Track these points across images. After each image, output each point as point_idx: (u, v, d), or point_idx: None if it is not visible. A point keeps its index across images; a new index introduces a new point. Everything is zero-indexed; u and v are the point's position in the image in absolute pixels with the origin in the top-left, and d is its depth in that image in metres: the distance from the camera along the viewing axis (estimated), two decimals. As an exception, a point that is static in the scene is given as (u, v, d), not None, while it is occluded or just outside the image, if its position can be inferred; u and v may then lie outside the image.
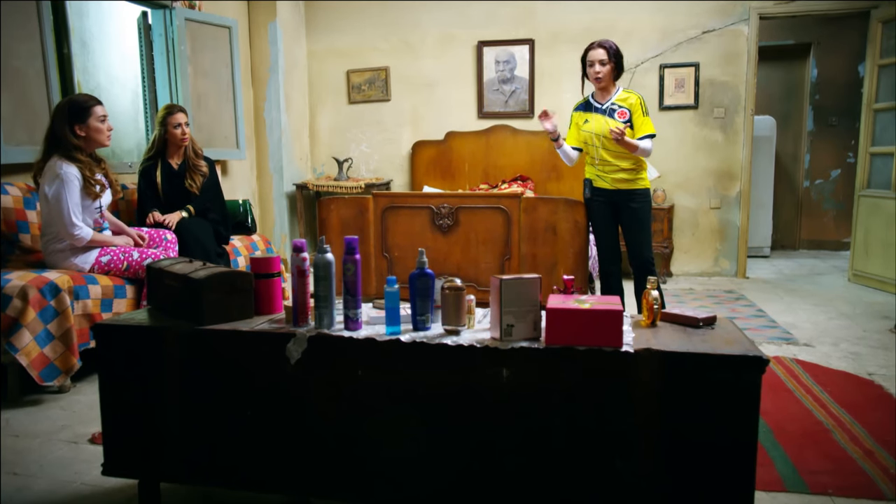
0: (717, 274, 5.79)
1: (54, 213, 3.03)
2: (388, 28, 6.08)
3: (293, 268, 1.76)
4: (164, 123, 3.90)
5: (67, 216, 3.02)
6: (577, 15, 5.72)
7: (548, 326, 1.58)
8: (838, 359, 3.52)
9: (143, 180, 3.98)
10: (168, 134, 3.91)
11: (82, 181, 3.06)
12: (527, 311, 1.61)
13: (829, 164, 7.06)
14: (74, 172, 3.04)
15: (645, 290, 1.78)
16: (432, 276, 1.71)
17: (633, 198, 3.65)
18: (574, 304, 1.57)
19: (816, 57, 6.96)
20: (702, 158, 5.66)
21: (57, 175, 3.01)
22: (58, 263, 3.15)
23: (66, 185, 3.01)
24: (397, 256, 4.09)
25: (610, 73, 3.57)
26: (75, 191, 3.03)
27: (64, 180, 3.01)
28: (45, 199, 3.05)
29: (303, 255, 1.75)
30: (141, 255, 3.27)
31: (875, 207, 5.26)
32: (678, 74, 5.62)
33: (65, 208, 3.01)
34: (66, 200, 3.01)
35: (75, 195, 3.04)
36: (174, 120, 3.89)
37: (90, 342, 3.05)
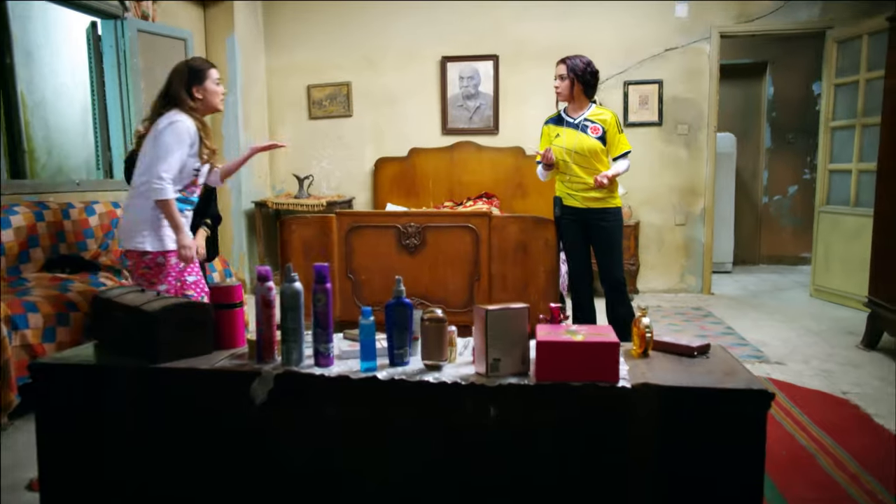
0: (683, 290, 5.79)
1: (151, 160, 2.75)
2: (349, 43, 5.95)
3: (258, 298, 1.60)
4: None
5: (162, 165, 2.71)
6: (542, 31, 5.69)
7: (538, 361, 1.46)
8: (810, 377, 3.50)
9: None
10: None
11: (197, 142, 2.86)
12: (514, 345, 1.49)
13: (787, 180, 7.18)
14: (191, 129, 2.83)
15: (636, 318, 1.68)
16: (410, 305, 1.58)
17: (604, 216, 3.58)
18: (566, 337, 1.45)
19: (773, 75, 7.10)
20: (667, 175, 5.66)
21: (172, 124, 2.76)
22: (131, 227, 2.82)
23: (178, 138, 2.76)
24: (363, 279, 3.93)
25: (568, 87, 3.53)
26: (184, 147, 2.78)
27: (178, 133, 2.76)
28: (152, 147, 2.79)
29: (268, 283, 1.60)
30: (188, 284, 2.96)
31: (835, 223, 5.33)
32: (642, 91, 5.63)
33: (163, 157, 2.72)
34: (171, 151, 2.73)
35: (181, 152, 2.77)
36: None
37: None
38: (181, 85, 2.85)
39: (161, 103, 2.90)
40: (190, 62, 2.93)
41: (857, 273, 5.03)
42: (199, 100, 2.89)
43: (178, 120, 2.77)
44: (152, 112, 2.90)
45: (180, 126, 2.77)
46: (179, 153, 2.77)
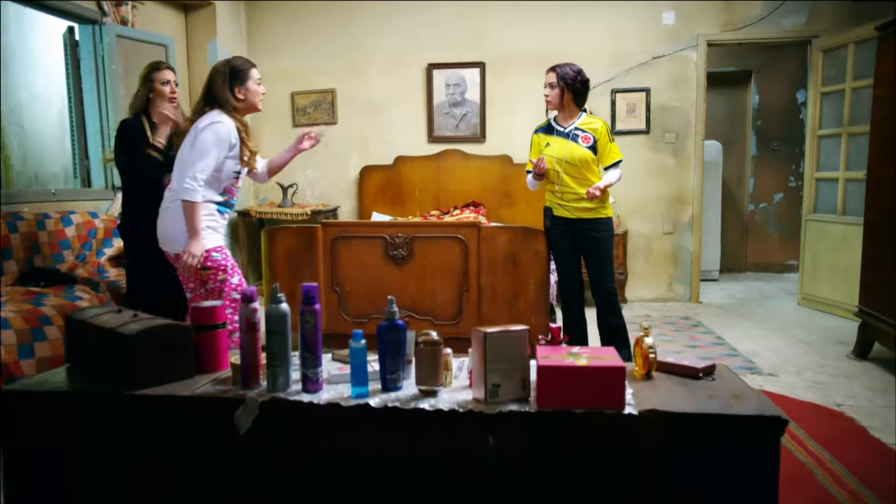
0: (671, 299, 5.75)
1: (188, 160, 2.67)
2: (334, 49, 5.87)
3: (242, 320, 1.51)
4: (150, 80, 3.23)
5: (197, 165, 2.64)
6: (529, 38, 5.65)
7: (539, 386, 1.38)
8: (804, 388, 3.46)
9: (127, 137, 3.16)
10: (154, 92, 3.22)
11: (238, 144, 2.77)
12: (514, 369, 1.41)
13: (773, 187, 7.19)
14: (232, 131, 2.74)
15: (638, 338, 1.61)
16: (403, 327, 1.50)
17: (595, 227, 3.53)
18: (569, 360, 1.38)
19: (757, 83, 7.11)
20: (654, 184, 5.63)
21: (213, 124, 2.66)
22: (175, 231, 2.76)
23: (218, 139, 2.68)
24: (348, 290, 3.84)
25: (558, 96, 3.47)
26: (223, 149, 2.70)
27: (218, 134, 2.67)
28: (189, 147, 2.70)
29: (252, 305, 1.51)
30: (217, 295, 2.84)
31: (822, 232, 5.32)
32: (629, 99, 5.61)
33: (200, 158, 2.64)
34: (208, 152, 2.65)
35: (219, 153, 2.69)
36: (162, 76, 3.22)
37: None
38: (223, 85, 2.77)
39: (202, 103, 2.80)
40: (232, 62, 2.85)
41: (846, 282, 5.03)
42: (240, 100, 2.81)
43: (219, 121, 2.69)
44: (193, 112, 2.83)
45: (221, 127, 2.69)
46: (217, 154, 2.68)
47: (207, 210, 2.77)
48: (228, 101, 2.76)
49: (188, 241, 2.68)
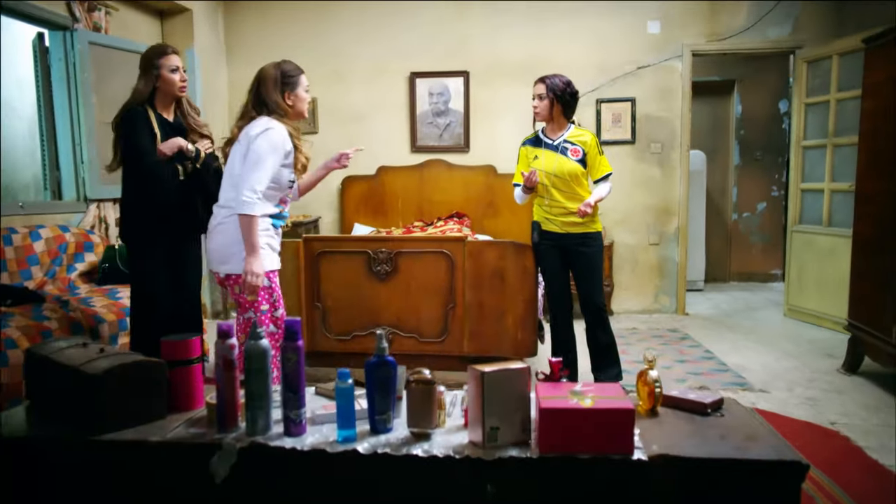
0: (657, 311, 5.70)
1: (243, 171, 2.52)
2: (315, 57, 5.74)
3: (219, 358, 1.40)
4: (156, 66, 2.90)
5: (254, 176, 2.49)
6: (514, 47, 5.58)
7: (541, 429, 1.29)
8: (796, 405, 3.40)
9: (130, 126, 2.88)
10: (161, 80, 2.92)
11: (293, 151, 2.63)
12: (514, 410, 1.31)
13: (756, 197, 7.19)
14: (286, 137, 2.60)
15: (642, 371, 1.52)
16: (394, 364, 1.39)
17: (584, 242, 3.45)
18: (574, 402, 1.28)
19: (740, 93, 7.11)
20: (640, 194, 5.58)
21: (267, 131, 2.52)
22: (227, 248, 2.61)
23: (273, 146, 2.53)
24: (331, 306, 3.72)
25: (548, 108, 3.39)
26: (279, 156, 2.55)
27: (272, 142, 2.53)
28: (242, 157, 2.55)
29: (229, 341, 1.39)
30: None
31: (808, 243, 5.30)
32: (615, 109, 5.55)
33: (256, 168, 2.49)
34: (264, 161, 2.50)
35: (275, 162, 2.54)
36: (169, 62, 2.92)
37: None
38: (275, 90, 2.64)
39: (251, 108, 2.66)
40: (283, 66, 2.70)
41: (832, 293, 5.01)
42: (290, 106, 2.68)
43: (272, 127, 2.55)
44: (241, 117, 2.69)
45: (275, 134, 2.55)
46: (273, 163, 2.54)
47: (263, 225, 2.60)
48: (280, 106, 2.62)
49: (248, 259, 2.52)
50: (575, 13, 5.50)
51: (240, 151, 2.58)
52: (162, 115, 2.98)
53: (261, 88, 2.65)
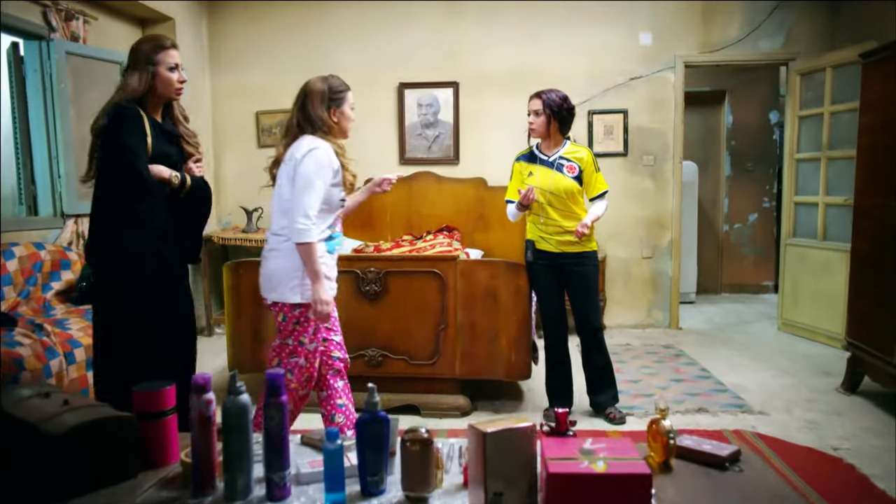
0: (650, 325, 5.61)
1: (293, 197, 2.40)
2: (301, 66, 5.61)
3: (194, 414, 1.27)
4: (153, 62, 2.47)
5: (305, 201, 2.37)
6: (503, 58, 5.49)
7: (549, 496, 1.17)
8: (797, 429, 3.31)
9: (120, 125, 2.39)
10: (157, 79, 2.48)
11: (340, 169, 2.51)
12: (520, 473, 1.20)
13: (747, 208, 7.14)
14: (333, 156, 2.48)
15: (654, 420, 1.42)
16: (387, 420, 1.27)
17: (580, 261, 3.35)
18: (584, 465, 1.17)
19: (731, 104, 7.07)
20: (633, 207, 5.50)
21: (312, 151, 2.41)
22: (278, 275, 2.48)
23: (320, 167, 2.42)
24: (318, 327, 3.58)
25: (544, 124, 3.30)
26: (327, 177, 2.44)
27: (319, 162, 2.41)
28: (289, 181, 2.43)
29: (206, 396, 1.27)
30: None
31: (802, 257, 5.24)
32: (607, 121, 5.47)
33: (306, 192, 2.37)
34: (312, 184, 2.38)
35: (324, 183, 2.43)
36: (168, 58, 2.49)
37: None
38: (321, 105, 2.52)
39: (296, 126, 2.54)
40: (330, 81, 2.58)
41: (827, 308, 4.95)
42: (335, 123, 2.55)
43: (317, 147, 2.44)
44: (284, 134, 2.59)
45: (320, 154, 2.43)
46: (322, 184, 2.42)
47: (318, 251, 2.47)
48: (325, 123, 2.51)
49: (314, 288, 2.42)
50: (566, 24, 5.42)
51: (286, 174, 2.47)
52: (153, 117, 2.53)
53: (306, 103, 2.54)
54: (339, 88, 2.57)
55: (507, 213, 3.50)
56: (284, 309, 2.50)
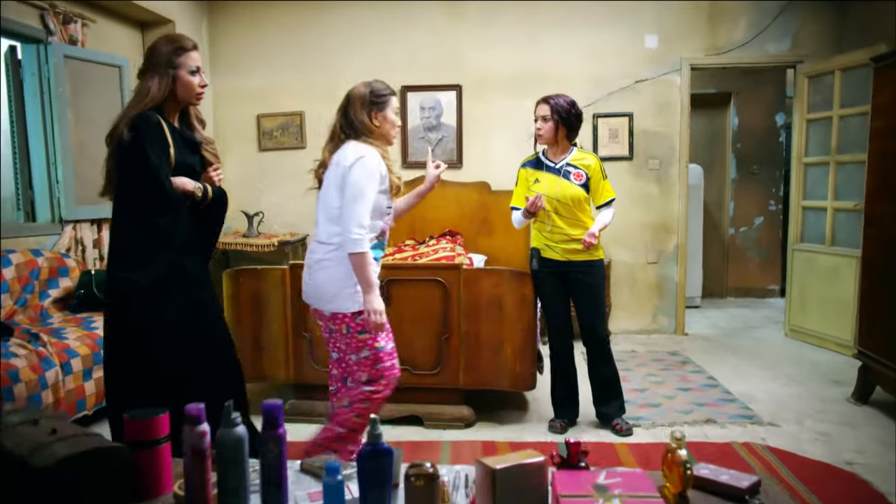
0: (655, 331, 5.54)
1: (343, 207, 2.36)
2: (302, 69, 5.56)
3: (187, 447, 1.21)
4: (173, 65, 2.30)
5: (357, 210, 2.33)
6: (507, 61, 5.42)
7: (563, 536, 1.11)
8: (809, 442, 3.24)
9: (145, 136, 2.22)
10: (178, 83, 2.32)
11: (387, 174, 2.47)
12: (531, 511, 1.13)
13: (753, 211, 7.06)
14: (380, 162, 2.43)
15: (670, 449, 1.35)
16: (390, 453, 1.21)
17: (586, 270, 3.28)
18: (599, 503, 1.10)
19: (737, 105, 6.99)
20: (638, 212, 5.43)
21: (360, 159, 2.36)
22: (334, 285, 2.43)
23: (369, 175, 2.37)
24: (319, 336, 3.52)
25: (552, 130, 3.22)
26: (375, 184, 2.39)
27: (368, 170, 2.37)
28: (337, 190, 2.39)
29: (199, 428, 1.21)
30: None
31: (810, 262, 5.17)
32: (612, 124, 5.40)
33: (357, 202, 2.34)
34: (363, 193, 2.35)
35: (373, 191, 2.38)
36: (190, 61, 2.34)
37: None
38: (363, 109, 2.48)
39: (340, 131, 2.50)
40: (373, 85, 2.52)
41: (835, 314, 4.88)
42: (376, 127, 2.50)
43: (364, 154, 2.39)
44: (331, 140, 2.53)
45: (368, 161, 2.39)
46: (372, 192, 2.38)
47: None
48: (366, 127, 2.47)
49: (367, 298, 2.39)
50: (570, 26, 5.35)
51: (334, 182, 2.42)
52: (172, 124, 2.38)
53: (349, 108, 2.49)
54: (381, 92, 2.52)
55: (513, 219, 3.43)
56: (346, 319, 2.46)
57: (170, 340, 2.28)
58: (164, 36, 2.39)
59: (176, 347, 2.29)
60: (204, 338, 2.40)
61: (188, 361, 2.31)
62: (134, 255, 2.25)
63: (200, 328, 2.39)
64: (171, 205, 2.27)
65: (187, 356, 2.31)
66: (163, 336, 2.27)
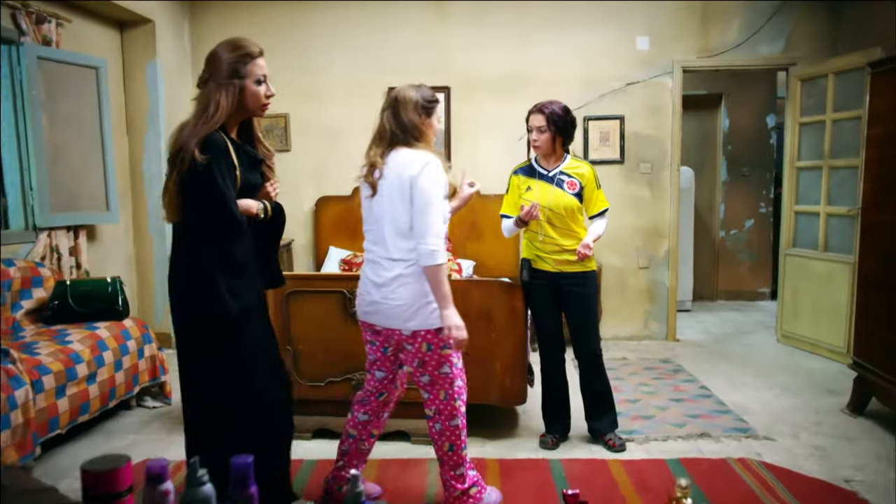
0: (647, 337, 5.47)
1: (415, 217, 2.30)
2: (287, 71, 5.42)
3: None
4: (240, 74, 2.13)
5: (431, 220, 2.28)
6: (496, 62, 5.32)
7: None
8: (805, 458, 3.17)
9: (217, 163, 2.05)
10: (245, 93, 2.15)
11: (447, 179, 2.39)
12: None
13: (743, 214, 7.01)
14: (442, 169, 2.37)
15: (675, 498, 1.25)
16: (374, 511, 1.10)
17: (579, 282, 3.18)
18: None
19: (727, 107, 6.93)
20: (629, 216, 5.35)
21: (429, 165, 2.30)
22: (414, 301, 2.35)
23: (439, 183, 2.33)
24: (303, 350, 3.42)
25: (549, 141, 3.12)
26: (442, 192, 2.34)
27: (437, 178, 2.31)
28: (402, 198, 2.31)
29: (162, 487, 1.10)
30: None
31: (802, 267, 5.11)
32: (603, 127, 5.31)
33: (430, 211, 2.28)
34: (435, 202, 2.29)
35: (442, 200, 2.34)
36: (258, 69, 2.16)
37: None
38: (416, 115, 2.40)
39: (391, 134, 2.38)
40: (423, 91, 2.45)
41: (828, 320, 4.83)
42: (425, 133, 2.43)
43: (429, 161, 2.32)
44: (381, 144, 2.41)
45: (435, 169, 2.32)
46: (441, 200, 2.33)
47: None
48: (418, 129, 2.39)
49: (446, 314, 2.33)
50: (560, 27, 5.25)
51: (398, 193, 2.32)
52: (235, 141, 2.20)
53: (400, 111, 2.39)
54: (431, 98, 2.46)
55: (503, 228, 3.33)
56: (428, 336, 2.39)
57: (262, 370, 2.22)
58: (227, 41, 2.18)
59: (265, 375, 2.23)
60: (278, 362, 2.36)
61: (275, 389, 2.27)
62: (211, 286, 2.08)
63: (275, 352, 2.34)
64: (241, 232, 2.15)
65: (274, 383, 2.27)
66: (257, 364, 2.20)
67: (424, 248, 2.28)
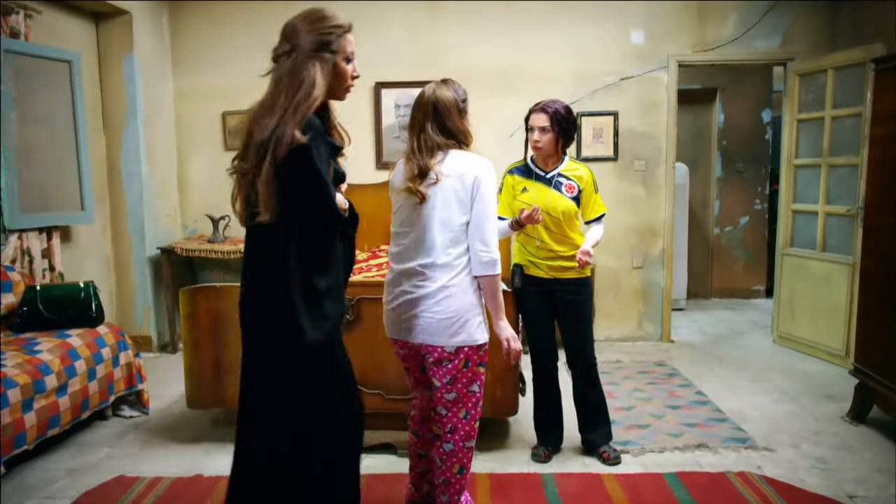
0: (641, 338, 5.35)
1: (477, 224, 2.21)
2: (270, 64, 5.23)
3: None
4: (332, 49, 1.88)
5: (491, 230, 2.21)
6: (487, 57, 5.15)
7: None
8: (807, 470, 3.05)
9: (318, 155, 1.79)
10: (337, 74, 1.90)
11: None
12: None
13: (738, 210, 6.89)
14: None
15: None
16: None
17: (573, 289, 3.05)
18: None
19: (722, 102, 6.80)
20: (623, 215, 5.21)
21: (488, 168, 2.25)
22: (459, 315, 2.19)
23: (495, 188, 2.28)
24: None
25: (552, 142, 2.97)
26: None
27: (493, 182, 2.26)
28: (460, 206, 2.21)
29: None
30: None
31: (799, 267, 5.00)
32: (596, 124, 5.17)
33: (490, 217, 2.21)
34: (492, 211, 2.23)
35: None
36: (349, 45, 1.92)
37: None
38: (459, 117, 2.31)
39: (438, 140, 2.24)
40: (456, 90, 2.34)
41: (826, 322, 4.73)
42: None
43: (488, 165, 2.25)
44: (430, 150, 2.24)
45: (492, 173, 2.25)
46: (496, 207, 2.26)
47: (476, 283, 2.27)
48: (464, 133, 2.30)
49: (501, 324, 2.26)
50: (553, 21, 5.10)
51: (454, 197, 2.20)
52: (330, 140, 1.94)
53: (443, 116, 2.26)
54: (466, 97, 2.36)
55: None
56: (469, 352, 2.24)
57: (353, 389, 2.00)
58: (310, 11, 1.89)
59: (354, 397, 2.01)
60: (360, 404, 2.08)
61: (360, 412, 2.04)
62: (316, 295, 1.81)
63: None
64: (339, 229, 1.87)
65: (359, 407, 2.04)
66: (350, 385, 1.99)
67: (488, 256, 2.19)
